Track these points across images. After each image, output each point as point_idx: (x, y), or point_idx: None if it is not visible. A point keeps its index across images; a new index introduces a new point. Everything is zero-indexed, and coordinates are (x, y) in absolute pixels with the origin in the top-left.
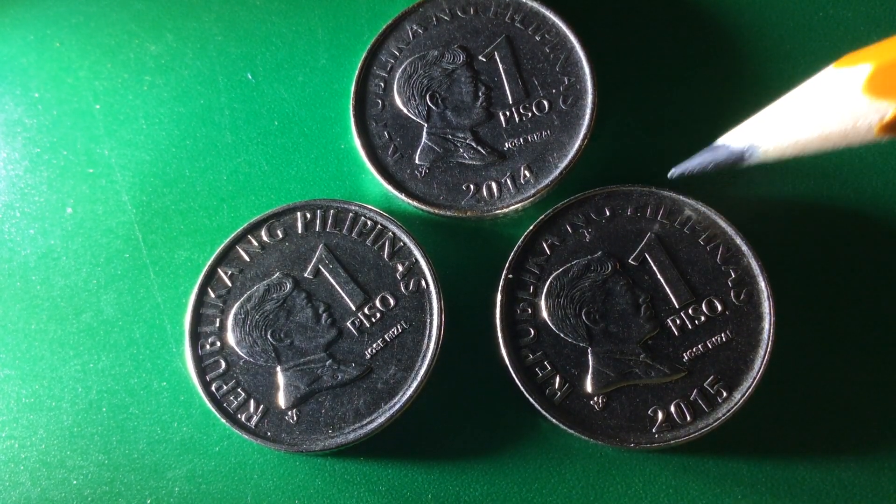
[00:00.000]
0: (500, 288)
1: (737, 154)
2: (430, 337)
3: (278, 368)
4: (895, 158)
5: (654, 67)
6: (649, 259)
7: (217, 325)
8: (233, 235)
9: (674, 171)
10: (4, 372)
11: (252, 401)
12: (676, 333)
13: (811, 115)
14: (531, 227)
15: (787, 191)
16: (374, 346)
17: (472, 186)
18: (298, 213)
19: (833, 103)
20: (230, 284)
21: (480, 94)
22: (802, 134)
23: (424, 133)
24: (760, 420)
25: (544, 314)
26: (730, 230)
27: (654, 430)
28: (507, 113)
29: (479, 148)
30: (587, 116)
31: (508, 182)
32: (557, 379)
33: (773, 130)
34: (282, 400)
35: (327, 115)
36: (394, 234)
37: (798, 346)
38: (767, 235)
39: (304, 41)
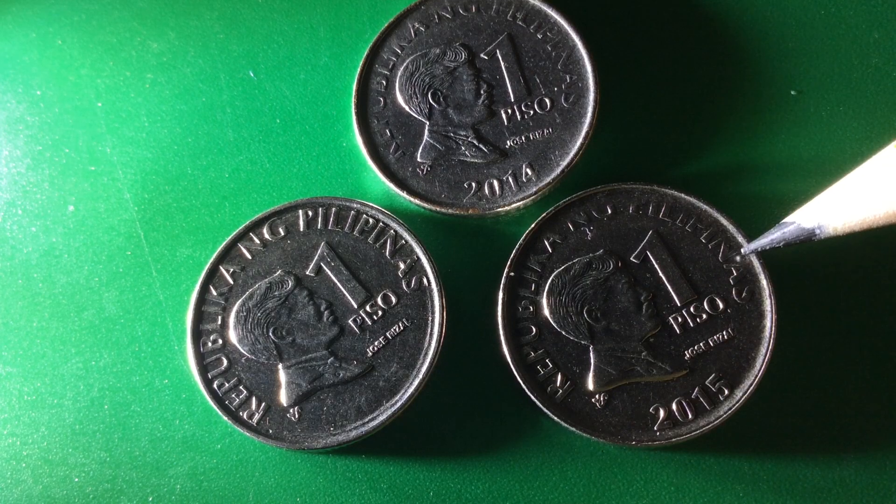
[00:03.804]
0: (501, 286)
1: (807, 232)
2: (431, 335)
3: (280, 366)
4: None
5: (655, 65)
6: (651, 257)
7: (219, 322)
8: (235, 233)
9: (747, 249)
10: (6, 369)
11: (254, 398)
12: (678, 331)
13: (878, 194)
14: (533, 225)
15: (789, 189)
16: (376, 343)
17: (473, 184)
18: (300, 211)
19: None
20: (232, 282)
21: (482, 91)
22: (870, 212)
23: (426, 131)
24: (762, 418)
25: (546, 312)
26: (731, 228)
27: (655, 428)
28: (509, 111)
29: (481, 146)
30: (589, 114)
31: (510, 180)
32: (559, 377)
33: (842, 209)
34: (283, 397)
35: (329, 112)
36: (395, 231)
37: (799, 344)
38: None
39: (306, 39)
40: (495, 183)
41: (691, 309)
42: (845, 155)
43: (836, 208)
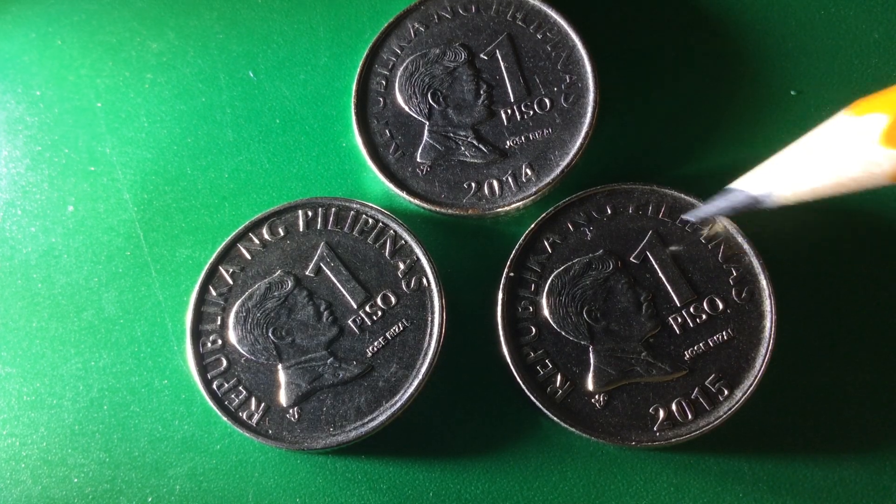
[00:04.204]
0: (501, 286)
1: (753, 199)
2: (431, 335)
3: (279, 366)
4: None
5: (655, 65)
6: (651, 257)
7: (218, 323)
8: (234, 233)
9: (688, 216)
10: (6, 370)
11: (253, 399)
12: (678, 331)
13: (827, 162)
14: (532, 226)
15: None
16: (376, 344)
17: (473, 184)
18: (300, 211)
19: (849, 152)
20: (231, 282)
21: (482, 92)
22: (818, 180)
23: (426, 131)
24: (761, 418)
25: (545, 312)
26: (731, 228)
27: (655, 429)
28: (509, 111)
29: (481, 146)
30: (589, 114)
31: (510, 180)
32: (559, 377)
33: (790, 176)
34: (283, 398)
35: (329, 113)
36: (395, 232)
37: (799, 345)
38: (768, 234)
39: (306, 39)
40: (495, 183)
41: (691, 309)
42: None
43: (784, 175)
